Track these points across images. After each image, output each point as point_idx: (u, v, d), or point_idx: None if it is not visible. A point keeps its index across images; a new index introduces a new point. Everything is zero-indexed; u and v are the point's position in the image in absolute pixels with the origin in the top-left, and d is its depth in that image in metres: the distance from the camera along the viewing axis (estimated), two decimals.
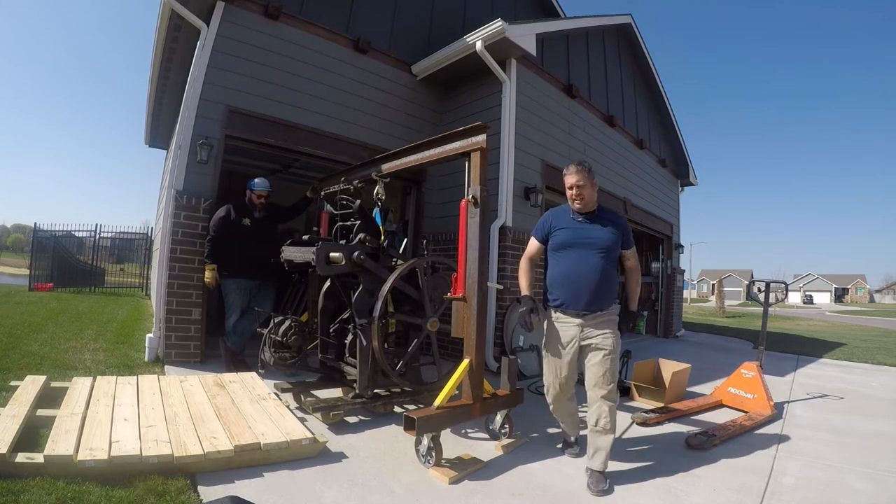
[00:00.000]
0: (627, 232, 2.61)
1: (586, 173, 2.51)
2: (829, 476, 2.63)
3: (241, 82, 4.60)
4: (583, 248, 2.52)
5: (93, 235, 12.98)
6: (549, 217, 2.69)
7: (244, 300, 4.26)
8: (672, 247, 10.10)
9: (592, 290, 2.49)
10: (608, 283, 2.53)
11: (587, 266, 2.50)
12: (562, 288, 2.55)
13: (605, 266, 2.51)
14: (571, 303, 2.52)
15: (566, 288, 2.53)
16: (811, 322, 18.86)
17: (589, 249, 2.51)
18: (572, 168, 2.53)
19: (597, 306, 2.52)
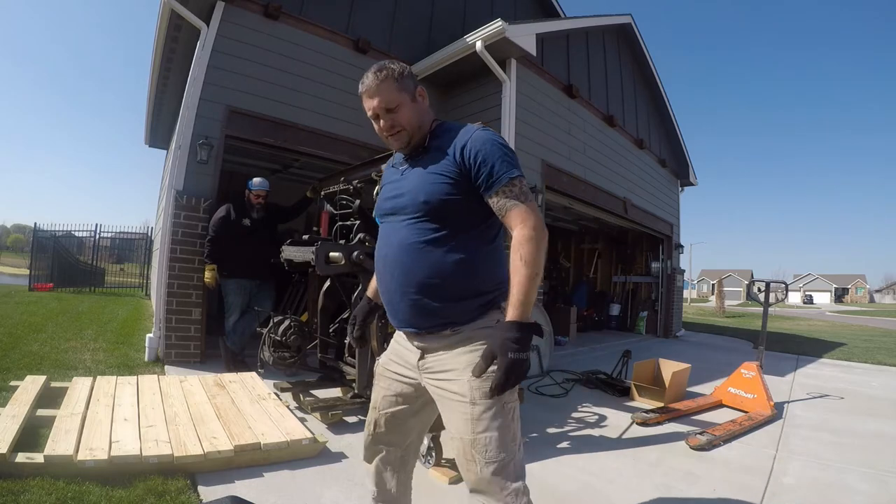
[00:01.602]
0: (483, 154, 1.24)
1: (393, 81, 1.32)
2: (829, 476, 2.63)
3: (241, 82, 4.60)
4: (392, 217, 1.37)
5: (93, 235, 12.98)
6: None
7: (244, 300, 4.26)
8: (672, 247, 10.10)
9: (407, 291, 1.29)
10: (444, 271, 1.25)
11: (392, 248, 1.33)
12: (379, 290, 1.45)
13: (423, 241, 1.27)
14: (391, 315, 1.40)
15: (380, 289, 1.42)
16: (811, 322, 18.86)
17: (397, 216, 1.34)
18: (367, 80, 1.35)
19: (427, 321, 1.30)
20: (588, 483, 2.36)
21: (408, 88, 1.36)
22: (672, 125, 9.87)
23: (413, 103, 1.36)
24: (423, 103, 1.40)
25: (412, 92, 1.37)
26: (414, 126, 1.35)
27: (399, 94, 1.33)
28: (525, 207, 1.22)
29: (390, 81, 1.33)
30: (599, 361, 5.75)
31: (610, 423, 3.44)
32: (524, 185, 1.25)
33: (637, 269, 10.59)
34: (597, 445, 2.96)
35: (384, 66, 1.35)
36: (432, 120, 1.40)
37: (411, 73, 1.41)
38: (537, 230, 1.19)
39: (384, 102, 1.34)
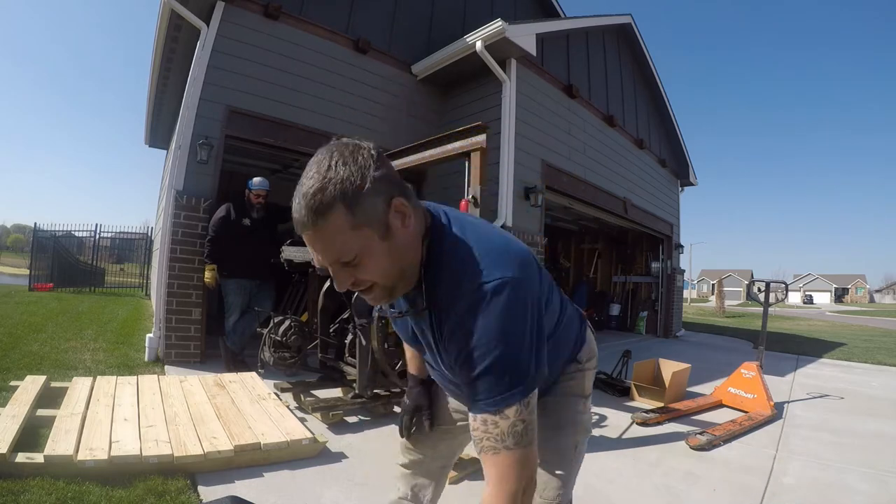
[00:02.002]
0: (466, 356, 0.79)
1: (343, 214, 0.72)
2: (829, 476, 2.63)
3: (241, 82, 4.60)
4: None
5: (93, 235, 12.98)
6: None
7: (244, 300, 4.26)
8: (672, 247, 10.09)
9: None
10: None
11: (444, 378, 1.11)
12: None
13: None
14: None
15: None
16: (811, 322, 18.85)
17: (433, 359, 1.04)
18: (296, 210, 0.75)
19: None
20: (588, 483, 2.36)
21: (373, 218, 0.74)
22: (672, 125, 9.87)
23: (385, 242, 0.76)
24: (406, 233, 0.79)
25: (382, 222, 0.75)
26: (394, 277, 0.80)
27: (354, 233, 0.73)
28: (508, 458, 0.77)
29: (335, 217, 0.72)
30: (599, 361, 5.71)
31: (610, 423, 3.44)
32: (519, 418, 0.77)
33: (637, 269, 10.59)
34: (597, 445, 2.96)
35: (317, 187, 0.72)
36: (423, 243, 0.83)
37: (382, 180, 0.75)
38: (525, 488, 0.78)
39: (327, 253, 0.75)
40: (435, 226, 0.85)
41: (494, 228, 0.92)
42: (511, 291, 0.76)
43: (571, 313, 1.14)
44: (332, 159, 0.74)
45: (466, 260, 0.79)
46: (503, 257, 0.80)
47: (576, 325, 1.16)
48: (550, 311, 0.99)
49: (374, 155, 0.76)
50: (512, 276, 0.77)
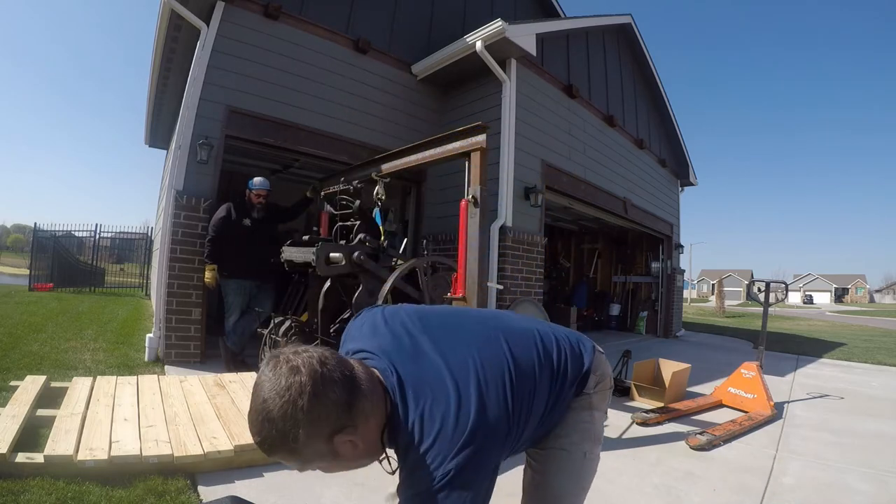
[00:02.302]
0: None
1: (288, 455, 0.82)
2: (829, 476, 2.63)
3: (241, 82, 4.60)
4: None
5: (93, 235, 12.99)
6: None
7: (244, 300, 4.26)
8: (672, 247, 10.10)
9: None
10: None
11: None
12: None
13: None
14: None
15: None
16: (811, 322, 18.85)
17: None
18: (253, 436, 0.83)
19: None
20: None
21: (316, 457, 0.84)
22: (672, 125, 9.87)
23: (335, 461, 0.87)
24: (357, 452, 0.87)
25: (327, 454, 0.84)
26: (357, 467, 0.94)
27: (306, 465, 0.86)
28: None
29: (285, 458, 0.83)
30: None
31: (610, 423, 3.43)
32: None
33: (637, 269, 10.59)
34: None
35: (260, 438, 0.80)
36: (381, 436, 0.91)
37: (318, 424, 0.79)
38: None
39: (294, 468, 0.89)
40: (393, 417, 0.90)
41: (451, 391, 0.90)
42: (450, 482, 0.83)
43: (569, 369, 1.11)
44: (265, 407, 0.78)
45: (416, 461, 0.86)
46: (455, 443, 0.85)
47: (577, 370, 1.12)
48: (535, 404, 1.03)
49: (308, 396, 0.77)
50: (455, 468, 0.83)
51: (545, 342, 1.10)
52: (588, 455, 1.16)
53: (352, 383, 0.84)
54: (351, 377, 0.85)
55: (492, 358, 0.98)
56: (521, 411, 0.98)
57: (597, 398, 1.18)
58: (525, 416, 1.00)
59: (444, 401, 0.88)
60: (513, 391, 0.96)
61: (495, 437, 0.90)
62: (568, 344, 1.15)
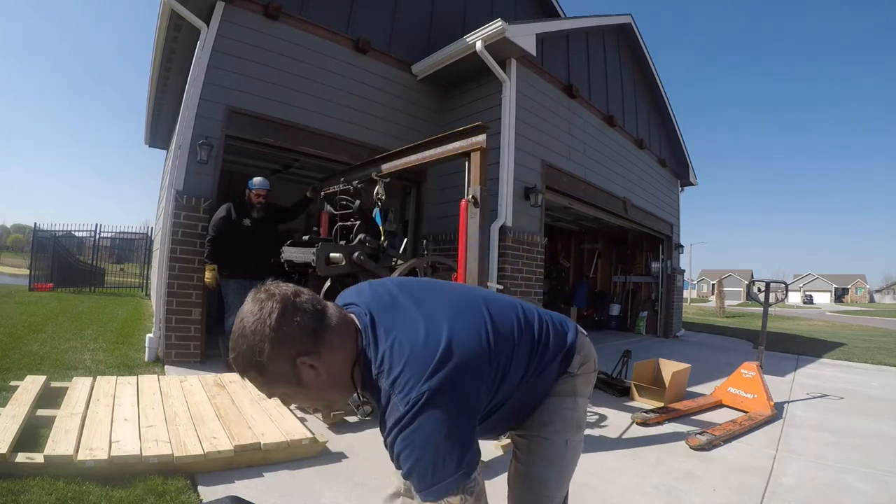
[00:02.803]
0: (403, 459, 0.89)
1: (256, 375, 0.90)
2: (829, 476, 2.63)
3: (241, 82, 4.60)
4: None
5: (93, 235, 12.98)
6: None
7: (244, 300, 4.25)
8: (672, 247, 10.10)
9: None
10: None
11: None
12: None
13: None
14: None
15: None
16: (811, 322, 18.86)
17: None
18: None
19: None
20: (588, 483, 2.36)
21: (280, 378, 0.89)
22: (672, 125, 9.87)
23: (299, 387, 0.92)
24: (319, 380, 0.91)
25: (290, 376, 0.89)
26: (322, 403, 1.01)
27: (272, 387, 0.92)
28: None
29: (252, 377, 0.90)
30: (599, 361, 5.70)
31: (610, 423, 3.44)
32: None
33: (637, 269, 10.59)
34: (597, 445, 2.96)
35: (235, 353, 0.89)
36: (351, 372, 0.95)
37: (281, 344, 0.86)
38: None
39: (262, 393, 0.95)
40: (363, 352, 0.94)
41: (430, 324, 0.94)
42: (424, 405, 0.85)
43: (550, 344, 1.12)
44: (242, 327, 0.88)
45: (389, 387, 0.89)
46: (424, 369, 0.87)
47: (557, 350, 1.14)
48: (513, 369, 1.04)
49: (276, 317, 0.85)
50: (429, 390, 0.85)
51: (526, 314, 1.12)
52: (570, 443, 1.17)
53: (320, 315, 0.90)
54: (321, 311, 0.91)
55: (469, 316, 1.00)
56: (500, 362, 0.99)
57: (581, 381, 1.18)
58: (503, 371, 1.00)
59: (414, 333, 0.92)
60: (489, 337, 0.97)
61: (469, 366, 0.91)
62: (550, 320, 1.17)
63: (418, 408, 0.84)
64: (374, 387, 0.93)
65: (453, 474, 0.84)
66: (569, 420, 1.16)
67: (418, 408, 0.84)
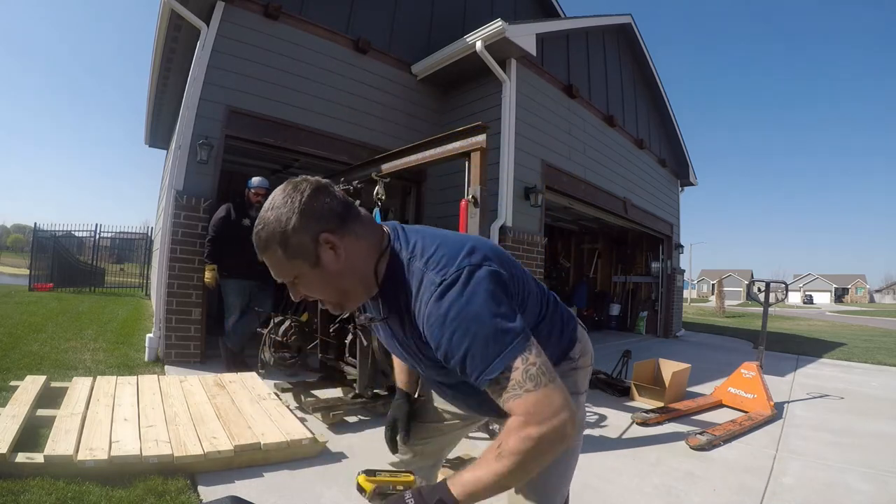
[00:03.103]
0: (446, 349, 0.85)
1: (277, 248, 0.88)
2: (829, 476, 2.63)
3: (241, 82, 4.60)
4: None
5: (93, 235, 12.98)
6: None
7: (244, 300, 4.26)
8: (672, 247, 10.10)
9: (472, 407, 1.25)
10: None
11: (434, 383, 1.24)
12: None
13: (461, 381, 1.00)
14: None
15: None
16: (811, 322, 18.85)
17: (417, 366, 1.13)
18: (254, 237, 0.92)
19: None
20: (588, 483, 2.36)
21: (301, 252, 0.88)
22: (672, 125, 9.87)
23: (315, 269, 0.89)
24: (338, 262, 0.89)
25: (311, 253, 0.88)
26: (333, 294, 0.95)
27: (290, 263, 0.89)
28: (531, 398, 0.80)
29: (272, 247, 0.88)
30: (599, 361, 5.71)
31: (610, 423, 3.44)
32: (525, 367, 0.81)
33: (637, 269, 10.59)
34: (597, 445, 2.96)
35: (261, 226, 0.88)
36: (375, 264, 0.94)
37: (308, 217, 0.87)
38: (543, 432, 0.78)
39: (275, 275, 0.93)
40: (392, 246, 0.95)
41: (453, 233, 0.99)
42: (467, 277, 0.84)
43: (559, 312, 1.14)
44: (272, 202, 0.89)
45: (423, 266, 0.89)
46: (458, 251, 0.88)
47: (564, 322, 1.14)
48: (530, 303, 1.02)
49: (308, 193, 0.88)
50: (469, 264, 0.85)
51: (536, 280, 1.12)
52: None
53: (349, 205, 0.93)
54: (351, 203, 0.94)
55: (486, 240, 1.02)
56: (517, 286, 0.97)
57: (581, 376, 1.16)
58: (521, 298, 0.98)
59: (441, 232, 0.97)
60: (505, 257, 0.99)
61: (499, 257, 0.93)
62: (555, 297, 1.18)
63: (462, 282, 0.83)
64: (399, 281, 0.91)
65: (514, 340, 0.82)
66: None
67: (462, 282, 0.83)
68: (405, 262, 0.91)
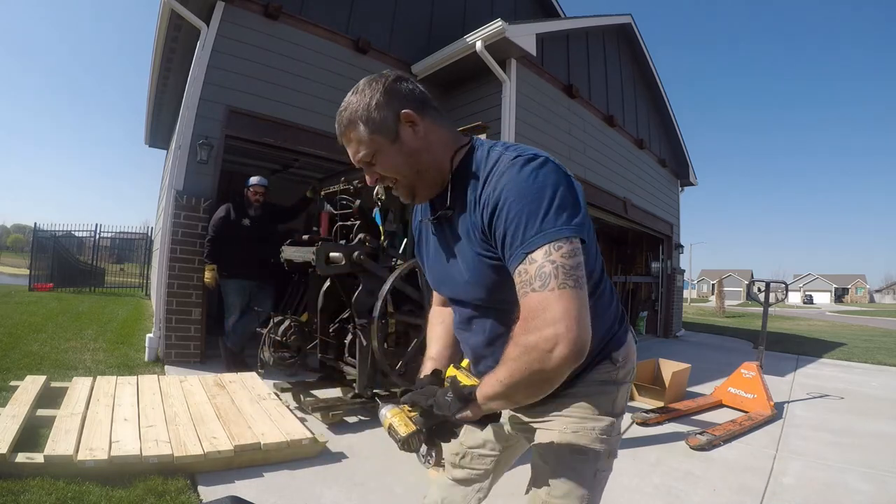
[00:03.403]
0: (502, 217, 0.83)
1: (359, 123, 0.93)
2: (829, 476, 2.63)
3: (241, 82, 4.60)
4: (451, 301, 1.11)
5: (93, 235, 12.98)
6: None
7: (244, 300, 4.26)
8: (672, 247, 10.10)
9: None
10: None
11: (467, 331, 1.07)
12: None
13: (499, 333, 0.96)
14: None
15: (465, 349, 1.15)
16: (811, 322, 18.85)
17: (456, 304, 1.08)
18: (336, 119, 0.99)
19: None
20: None
21: (383, 127, 0.91)
22: (672, 125, 9.87)
23: (395, 145, 0.92)
24: (416, 139, 0.93)
25: (392, 129, 0.91)
26: (408, 174, 0.95)
27: (370, 138, 0.92)
28: (531, 300, 0.77)
29: (355, 124, 0.92)
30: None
31: None
32: (547, 258, 0.77)
33: (637, 269, 10.59)
34: None
35: (344, 108, 0.95)
36: (452, 154, 0.96)
37: (391, 96, 0.92)
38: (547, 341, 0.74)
39: (354, 154, 0.96)
40: (472, 144, 0.98)
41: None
42: (548, 162, 0.86)
43: (613, 299, 1.06)
44: (355, 88, 0.95)
45: (504, 150, 0.91)
46: (532, 151, 0.90)
47: (615, 311, 1.05)
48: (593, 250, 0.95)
49: (391, 78, 0.94)
50: (546, 156, 0.87)
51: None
52: (598, 476, 1.00)
53: (430, 98, 0.98)
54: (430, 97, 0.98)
55: None
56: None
57: (622, 393, 1.03)
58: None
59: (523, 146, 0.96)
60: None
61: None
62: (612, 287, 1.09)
63: (541, 163, 0.85)
64: (474, 166, 0.92)
65: (567, 224, 0.79)
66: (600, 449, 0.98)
67: (541, 163, 0.85)
68: (485, 151, 0.93)
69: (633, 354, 1.08)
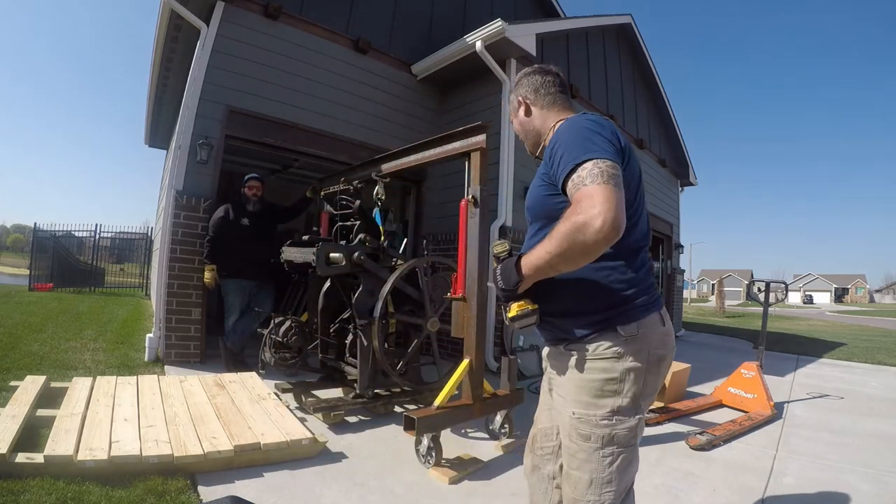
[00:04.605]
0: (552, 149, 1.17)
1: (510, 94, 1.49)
2: (829, 476, 2.63)
3: (240, 82, 4.60)
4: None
5: (93, 235, 12.98)
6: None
7: (244, 300, 4.26)
8: (672, 247, 10.10)
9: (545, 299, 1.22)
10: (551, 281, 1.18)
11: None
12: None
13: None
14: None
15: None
16: (811, 322, 18.85)
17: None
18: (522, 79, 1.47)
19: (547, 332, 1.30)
20: None
21: (511, 104, 1.47)
22: (672, 125, 9.87)
23: (514, 117, 1.46)
24: (522, 117, 1.42)
25: (513, 106, 1.45)
26: (524, 137, 1.46)
27: (515, 96, 1.46)
28: (581, 193, 1.01)
29: (515, 88, 1.47)
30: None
31: None
32: (595, 167, 1.02)
33: None
34: None
35: (523, 73, 1.47)
36: (553, 126, 1.33)
37: (520, 83, 1.44)
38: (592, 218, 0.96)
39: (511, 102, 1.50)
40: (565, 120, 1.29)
41: None
42: (599, 117, 1.18)
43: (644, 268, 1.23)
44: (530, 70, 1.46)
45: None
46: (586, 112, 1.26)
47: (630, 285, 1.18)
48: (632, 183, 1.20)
49: (529, 71, 1.44)
50: (592, 115, 1.21)
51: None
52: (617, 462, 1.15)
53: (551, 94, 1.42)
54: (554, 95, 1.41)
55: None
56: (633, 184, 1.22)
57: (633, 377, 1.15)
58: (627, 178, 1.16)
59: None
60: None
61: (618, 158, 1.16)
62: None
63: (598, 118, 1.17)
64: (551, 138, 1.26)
65: (604, 150, 1.06)
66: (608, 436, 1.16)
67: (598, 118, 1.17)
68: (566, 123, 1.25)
69: (651, 337, 1.17)
